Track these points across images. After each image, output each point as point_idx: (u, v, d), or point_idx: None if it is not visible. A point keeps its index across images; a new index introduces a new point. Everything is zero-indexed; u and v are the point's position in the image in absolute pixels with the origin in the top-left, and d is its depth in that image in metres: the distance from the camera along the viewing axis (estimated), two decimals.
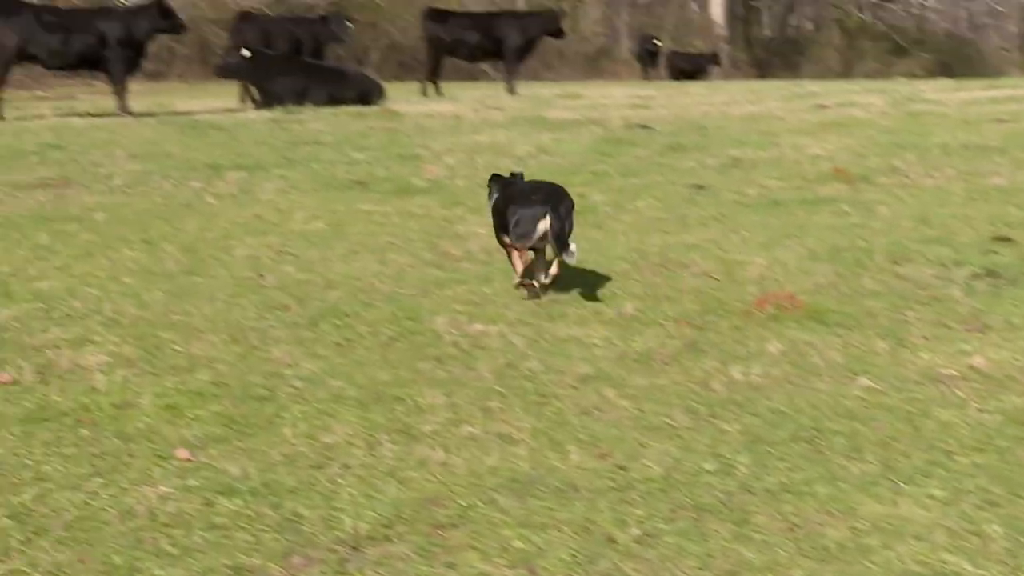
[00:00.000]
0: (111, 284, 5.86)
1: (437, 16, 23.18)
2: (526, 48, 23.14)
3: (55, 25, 16.11)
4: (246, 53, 17.43)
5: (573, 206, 5.54)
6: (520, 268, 5.60)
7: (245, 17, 21.22)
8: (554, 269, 5.56)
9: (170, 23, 16.73)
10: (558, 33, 23.53)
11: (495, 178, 5.98)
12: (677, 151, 10.92)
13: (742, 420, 4.00)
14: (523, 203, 5.44)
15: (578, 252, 5.43)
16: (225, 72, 18.55)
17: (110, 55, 16.11)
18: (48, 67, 17.38)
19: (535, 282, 5.57)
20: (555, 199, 5.44)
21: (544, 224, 5.33)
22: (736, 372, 4.49)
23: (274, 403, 4.14)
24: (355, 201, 8.34)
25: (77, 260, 6.40)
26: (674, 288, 5.80)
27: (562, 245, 5.33)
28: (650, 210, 7.98)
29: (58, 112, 16.64)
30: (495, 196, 5.80)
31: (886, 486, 3.45)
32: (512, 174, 5.98)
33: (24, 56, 16.30)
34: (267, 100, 16.99)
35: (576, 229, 5.67)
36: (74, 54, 16.18)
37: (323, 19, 21.83)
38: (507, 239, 5.60)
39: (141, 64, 17.37)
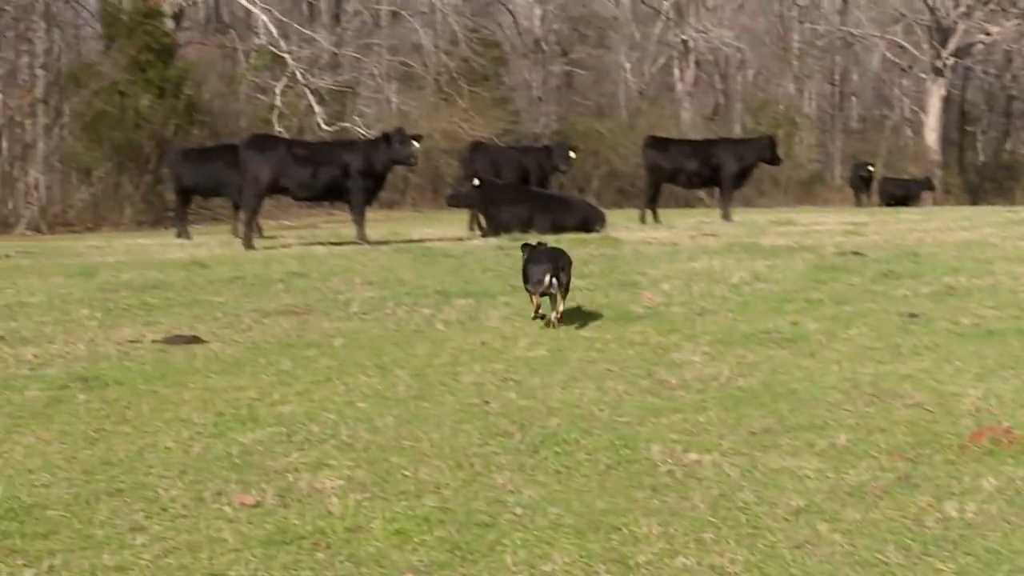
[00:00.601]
0: (347, 409, 6.21)
1: (658, 144, 23.73)
2: (743, 175, 23.43)
3: (305, 159, 17.16)
4: (476, 182, 18.11)
5: (571, 264, 8.64)
6: (535, 307, 8.69)
7: (476, 147, 22.11)
8: (560, 307, 8.48)
9: (405, 153, 17.26)
10: (774, 160, 23.73)
11: (525, 246, 8.88)
12: (890, 278, 10.79)
13: (956, 559, 3.98)
14: (535, 263, 8.39)
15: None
16: (456, 201, 19.31)
17: (352, 186, 17.03)
18: (296, 199, 18.48)
19: (548, 318, 8.56)
20: (557, 260, 8.37)
21: (548, 277, 8.25)
22: (950, 508, 4.46)
23: (496, 530, 4.34)
24: (576, 328, 8.58)
25: (316, 385, 6.81)
26: (887, 419, 5.79)
27: (562, 291, 8.42)
28: (863, 339, 7.94)
29: (302, 241, 17.64)
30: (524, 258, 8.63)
31: None
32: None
33: (276, 188, 17.42)
34: (494, 228, 17.57)
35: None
36: (321, 186, 17.15)
37: (547, 148, 22.54)
38: (528, 287, 8.54)
39: (379, 194, 18.28)
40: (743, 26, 62.43)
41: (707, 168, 23.01)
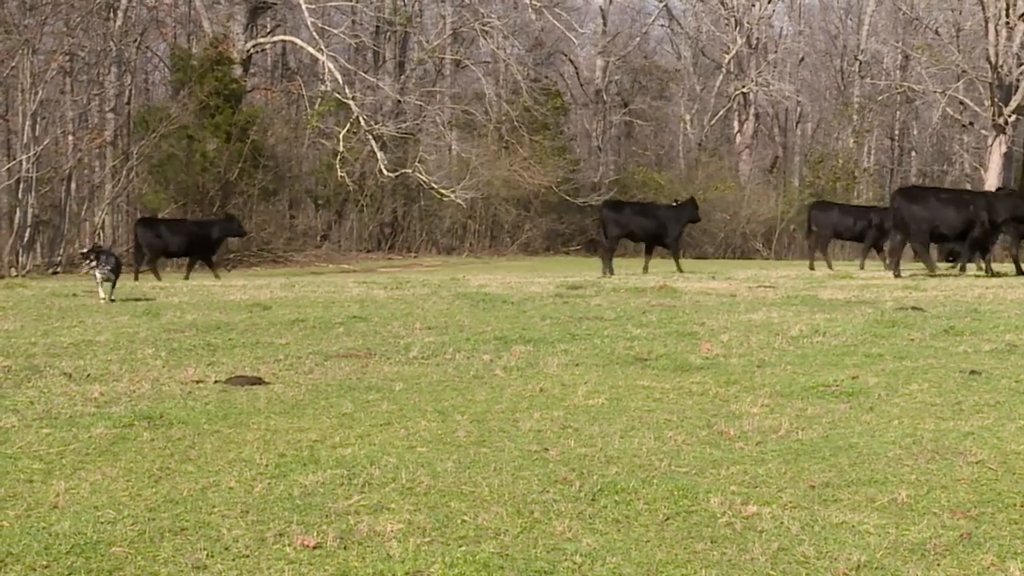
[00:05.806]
0: (407, 453, 6.25)
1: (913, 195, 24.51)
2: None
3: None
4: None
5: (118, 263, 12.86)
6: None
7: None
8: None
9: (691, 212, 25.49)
10: None
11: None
12: (951, 334, 10.68)
13: None
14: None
15: None
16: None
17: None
18: None
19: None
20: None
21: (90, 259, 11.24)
22: (1014, 568, 4.41)
23: None
24: (635, 377, 8.59)
25: (377, 429, 6.86)
26: (949, 476, 5.73)
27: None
28: (924, 394, 7.87)
29: (361, 284, 17.81)
30: None
31: None
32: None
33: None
34: None
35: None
36: None
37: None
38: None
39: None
40: (803, 80, 62.37)
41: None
